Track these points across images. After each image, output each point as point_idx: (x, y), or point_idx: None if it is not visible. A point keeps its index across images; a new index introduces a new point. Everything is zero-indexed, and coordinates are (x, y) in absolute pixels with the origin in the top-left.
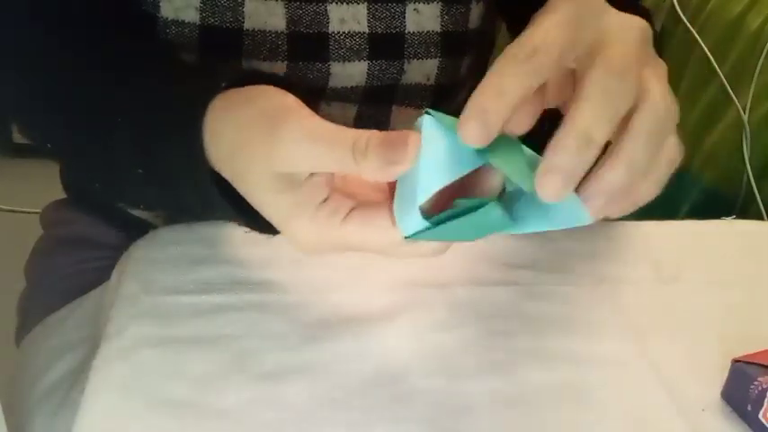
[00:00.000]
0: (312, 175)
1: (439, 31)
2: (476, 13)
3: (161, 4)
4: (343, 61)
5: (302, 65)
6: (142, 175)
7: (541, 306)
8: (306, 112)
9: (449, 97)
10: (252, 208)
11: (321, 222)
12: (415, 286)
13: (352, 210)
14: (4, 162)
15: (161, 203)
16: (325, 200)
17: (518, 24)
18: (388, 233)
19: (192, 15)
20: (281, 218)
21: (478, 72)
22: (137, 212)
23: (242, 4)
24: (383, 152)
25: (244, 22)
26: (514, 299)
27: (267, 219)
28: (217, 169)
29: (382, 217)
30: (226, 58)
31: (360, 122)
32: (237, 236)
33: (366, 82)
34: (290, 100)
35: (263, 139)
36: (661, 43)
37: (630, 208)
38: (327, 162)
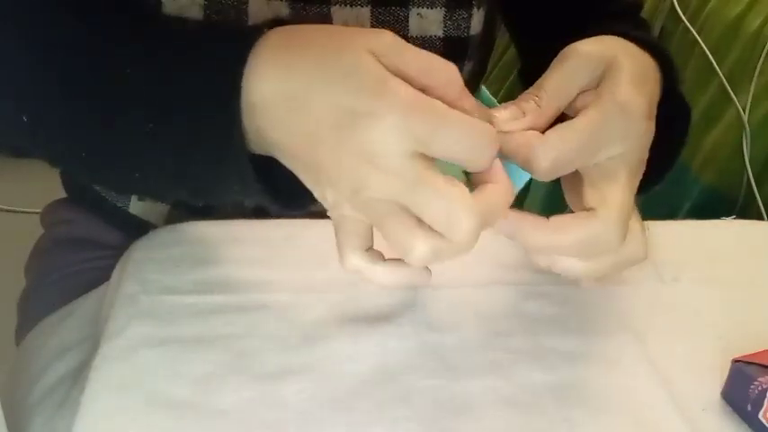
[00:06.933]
0: None
1: (441, 36)
2: (477, 19)
3: (164, 0)
4: None
5: None
6: (151, 131)
7: (541, 306)
8: None
9: None
10: (276, 173)
11: (421, 95)
12: (414, 286)
13: None
14: (4, 162)
15: (167, 171)
16: None
17: (521, 31)
18: (481, 122)
19: (195, 12)
20: (377, 78)
21: (479, 76)
22: (136, 212)
23: (246, 3)
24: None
25: (247, 22)
26: (513, 299)
27: (344, 93)
28: (259, 99)
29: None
30: None
31: None
32: (238, 236)
33: None
34: None
35: (362, 33)
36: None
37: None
38: (436, 65)
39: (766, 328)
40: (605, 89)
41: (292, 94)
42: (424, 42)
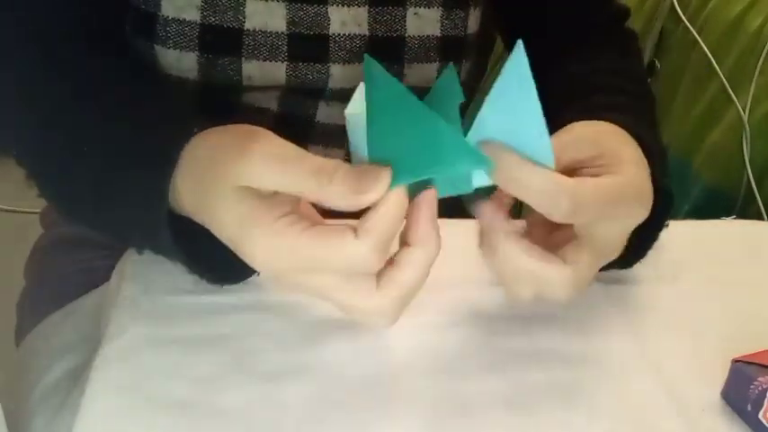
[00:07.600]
0: (276, 193)
1: (439, 35)
2: (474, 18)
3: (162, 2)
4: (343, 63)
5: (302, 66)
6: (95, 198)
7: (540, 306)
8: (278, 137)
9: None
10: (207, 257)
11: (280, 229)
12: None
13: (315, 225)
14: (3, 162)
15: (110, 229)
16: (286, 214)
17: (511, 30)
18: (353, 244)
19: (193, 14)
20: (241, 228)
21: (477, 75)
22: None
23: (243, 4)
24: (351, 180)
25: (245, 22)
26: None
27: (226, 239)
28: (185, 211)
29: (347, 232)
30: (226, 57)
31: None
32: None
33: None
34: (262, 128)
35: (233, 156)
36: (661, 43)
37: None
38: (290, 181)
39: (766, 328)
40: (618, 167)
41: (199, 220)
42: (421, 42)
